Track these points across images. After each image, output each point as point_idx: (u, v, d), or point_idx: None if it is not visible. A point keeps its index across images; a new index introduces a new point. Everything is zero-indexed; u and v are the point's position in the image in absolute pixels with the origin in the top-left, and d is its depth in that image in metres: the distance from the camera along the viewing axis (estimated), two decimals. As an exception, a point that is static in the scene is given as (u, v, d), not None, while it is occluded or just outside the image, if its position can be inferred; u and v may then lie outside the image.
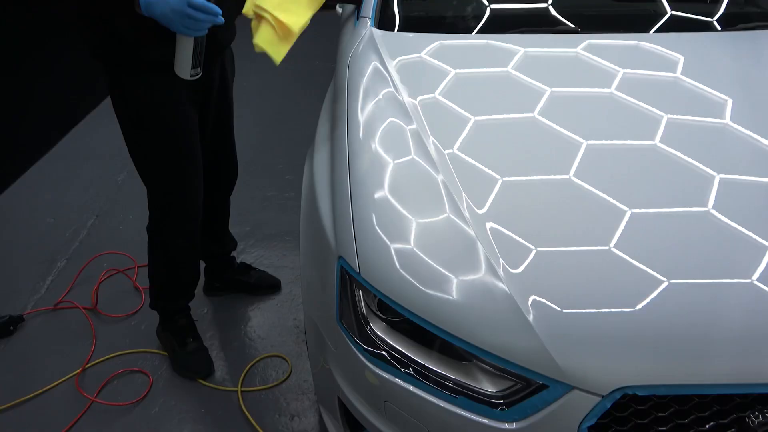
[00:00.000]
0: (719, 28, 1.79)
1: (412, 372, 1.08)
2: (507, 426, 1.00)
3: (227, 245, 2.20)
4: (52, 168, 3.20)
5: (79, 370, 1.94)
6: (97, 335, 2.08)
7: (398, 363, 1.09)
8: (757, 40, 1.74)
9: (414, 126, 1.38)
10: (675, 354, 0.96)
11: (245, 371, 1.93)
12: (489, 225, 1.13)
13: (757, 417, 0.94)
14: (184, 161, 1.69)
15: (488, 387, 1.03)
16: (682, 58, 1.60)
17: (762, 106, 1.44)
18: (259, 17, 1.48)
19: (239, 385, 1.89)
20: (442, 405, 1.05)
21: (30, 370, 1.97)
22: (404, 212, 1.18)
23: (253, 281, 2.25)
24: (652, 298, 1.00)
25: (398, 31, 1.80)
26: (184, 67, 1.43)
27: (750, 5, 1.96)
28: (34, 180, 3.11)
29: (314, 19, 1.55)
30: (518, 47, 1.65)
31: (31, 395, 1.87)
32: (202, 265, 2.11)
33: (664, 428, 0.96)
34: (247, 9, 1.47)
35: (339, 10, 2.45)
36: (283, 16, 1.45)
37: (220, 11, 1.35)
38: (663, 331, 0.97)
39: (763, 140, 1.32)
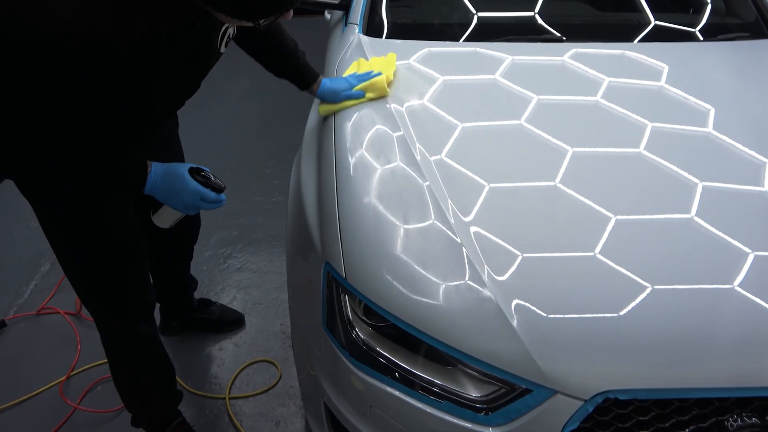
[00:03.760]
0: (701, 38, 1.83)
1: (397, 377, 1.08)
2: (491, 430, 1.01)
3: (187, 288, 1.98)
4: (38, 172, 3.17)
5: (63, 378, 1.91)
6: (81, 341, 2.05)
7: (384, 368, 1.09)
8: (738, 50, 1.77)
9: (401, 133, 1.39)
10: (656, 358, 0.97)
11: (233, 377, 1.92)
12: (474, 231, 1.14)
13: (735, 420, 0.95)
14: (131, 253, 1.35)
15: (472, 392, 1.04)
16: (666, 68, 1.63)
17: (743, 114, 1.47)
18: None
19: (227, 392, 1.88)
20: (426, 410, 1.05)
21: (12, 376, 1.94)
22: (390, 218, 1.18)
23: (214, 318, 2.07)
24: (636, 304, 1.01)
25: (386, 38, 1.81)
26: (167, 221, 1.33)
27: (730, 17, 1.99)
28: (18, 184, 3.08)
29: (303, 25, 1.55)
30: (505, 55, 1.67)
31: (13, 402, 1.84)
32: (157, 305, 1.91)
33: (646, 432, 0.97)
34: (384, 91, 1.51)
35: (327, 16, 2.45)
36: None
37: (224, 199, 1.23)
38: (645, 335, 0.98)
39: (745, 148, 1.34)
